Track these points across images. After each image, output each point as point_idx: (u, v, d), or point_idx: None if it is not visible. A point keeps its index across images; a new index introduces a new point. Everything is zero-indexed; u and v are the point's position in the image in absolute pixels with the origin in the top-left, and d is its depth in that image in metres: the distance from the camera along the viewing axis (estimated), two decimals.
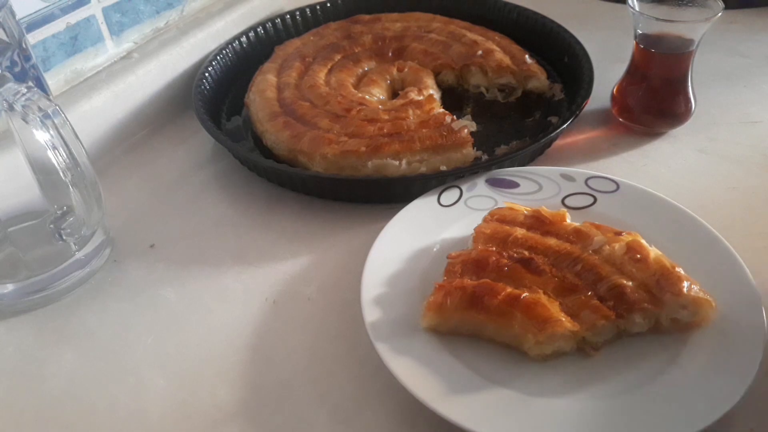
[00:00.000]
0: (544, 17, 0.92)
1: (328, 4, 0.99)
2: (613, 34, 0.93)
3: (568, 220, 0.63)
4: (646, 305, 0.55)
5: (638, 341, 0.56)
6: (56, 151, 0.58)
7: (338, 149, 0.73)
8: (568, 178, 0.70)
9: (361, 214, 0.71)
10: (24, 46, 0.67)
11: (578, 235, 0.60)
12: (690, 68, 0.76)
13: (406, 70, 0.87)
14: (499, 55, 0.87)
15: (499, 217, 0.64)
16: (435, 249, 0.65)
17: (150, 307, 0.64)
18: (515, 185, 0.71)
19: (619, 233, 0.60)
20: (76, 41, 0.80)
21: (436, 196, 0.70)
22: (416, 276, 0.62)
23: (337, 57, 0.89)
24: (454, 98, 0.87)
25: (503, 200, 0.68)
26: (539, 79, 0.86)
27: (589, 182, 0.69)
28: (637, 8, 0.73)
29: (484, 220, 0.64)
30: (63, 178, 0.59)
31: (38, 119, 0.56)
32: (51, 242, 0.63)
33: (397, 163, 0.72)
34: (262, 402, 0.55)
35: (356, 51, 0.90)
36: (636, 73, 0.78)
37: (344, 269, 0.66)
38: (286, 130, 0.76)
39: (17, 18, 0.67)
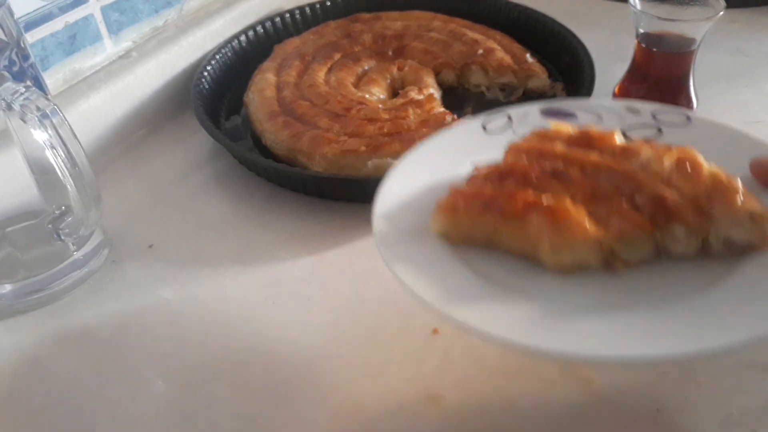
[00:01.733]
0: (545, 16, 0.92)
1: (328, 3, 0.99)
2: (615, 33, 0.93)
3: (618, 140, 0.55)
4: (689, 216, 0.47)
5: (682, 266, 0.48)
6: (54, 150, 0.57)
7: (338, 149, 0.72)
8: (633, 110, 0.62)
9: (361, 214, 0.71)
10: (22, 45, 0.67)
11: (625, 152, 0.53)
12: (692, 67, 0.76)
13: (406, 69, 0.87)
14: (500, 54, 0.87)
15: (541, 134, 0.57)
16: (468, 171, 0.57)
17: (149, 307, 0.63)
18: (572, 116, 0.63)
19: (670, 147, 0.52)
20: (74, 40, 0.80)
21: (480, 122, 0.63)
22: (440, 193, 0.54)
23: (337, 56, 0.89)
24: (454, 97, 0.86)
25: None
26: (540, 78, 0.85)
27: (657, 115, 0.61)
28: (638, 7, 0.73)
29: (524, 138, 0.58)
30: (61, 177, 0.58)
31: (36, 119, 0.56)
32: (49, 242, 0.63)
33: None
34: (261, 402, 0.55)
35: (356, 50, 0.90)
36: (637, 72, 0.78)
37: (344, 269, 0.66)
38: (286, 130, 0.76)
39: (15, 17, 0.67)
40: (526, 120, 0.63)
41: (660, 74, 0.77)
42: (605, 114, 0.62)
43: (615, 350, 0.42)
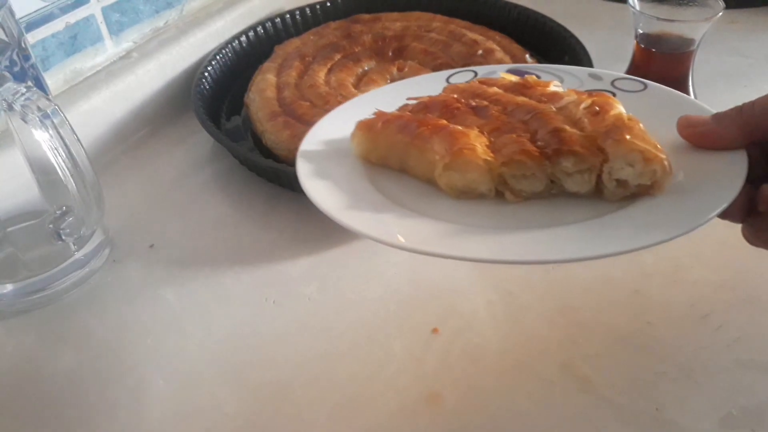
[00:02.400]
0: (544, 16, 0.92)
1: (328, 4, 0.99)
2: (614, 34, 0.93)
3: (554, 89, 0.56)
4: (579, 148, 0.47)
5: (575, 202, 0.49)
6: (55, 150, 0.58)
7: None
8: (596, 77, 0.62)
9: None
10: (23, 45, 0.67)
11: (551, 96, 0.54)
12: (691, 68, 0.76)
13: (406, 69, 0.87)
14: (500, 54, 0.87)
15: (484, 81, 0.58)
16: None
17: (149, 307, 0.64)
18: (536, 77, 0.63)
19: (594, 94, 0.53)
20: (75, 41, 0.80)
21: (445, 76, 0.63)
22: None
23: (337, 56, 0.89)
24: None
25: None
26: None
27: (617, 83, 0.61)
28: (637, 7, 0.73)
29: (469, 82, 0.59)
30: (62, 178, 0.58)
31: (37, 119, 0.56)
32: (50, 242, 0.63)
33: None
34: (261, 402, 0.55)
35: (356, 50, 0.90)
36: (636, 72, 0.78)
37: (344, 269, 0.66)
38: (286, 130, 0.76)
39: (17, 17, 0.67)
40: (491, 76, 0.62)
41: (659, 75, 0.77)
42: (567, 77, 0.62)
43: (491, 254, 0.44)
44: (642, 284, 0.63)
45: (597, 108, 0.50)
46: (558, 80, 0.62)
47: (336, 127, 0.57)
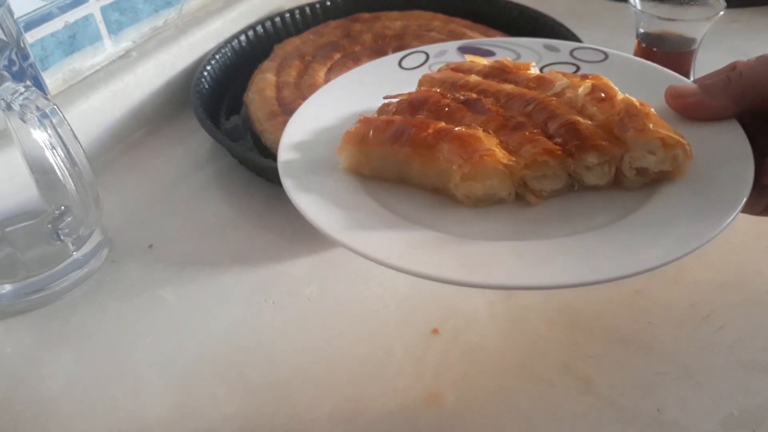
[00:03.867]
0: (545, 16, 0.92)
1: (328, 3, 0.99)
2: (615, 33, 0.93)
3: (534, 72, 0.54)
4: (602, 142, 0.46)
5: (596, 196, 0.47)
6: (54, 150, 0.57)
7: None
8: (552, 48, 0.61)
9: None
10: (22, 45, 0.66)
11: (539, 82, 0.52)
12: (692, 67, 0.76)
13: None
14: None
15: (455, 67, 0.56)
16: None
17: (148, 307, 0.63)
18: (491, 54, 0.61)
19: (586, 77, 0.51)
20: (74, 40, 0.80)
21: (397, 59, 0.61)
22: (351, 125, 0.51)
23: (337, 56, 0.89)
24: None
25: None
26: None
27: (575, 53, 0.60)
28: (638, 7, 0.73)
29: (439, 70, 0.56)
30: (61, 177, 0.58)
31: (36, 118, 0.56)
32: (49, 242, 0.63)
33: None
34: (261, 403, 0.55)
35: (356, 50, 0.90)
36: None
37: (344, 269, 0.66)
38: None
39: (15, 16, 0.67)
40: (443, 57, 0.61)
41: None
42: (523, 52, 0.61)
43: (521, 280, 0.41)
44: (643, 284, 0.63)
45: (602, 94, 0.49)
46: (515, 55, 0.61)
47: (308, 129, 0.53)
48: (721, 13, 0.71)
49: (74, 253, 0.65)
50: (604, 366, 0.56)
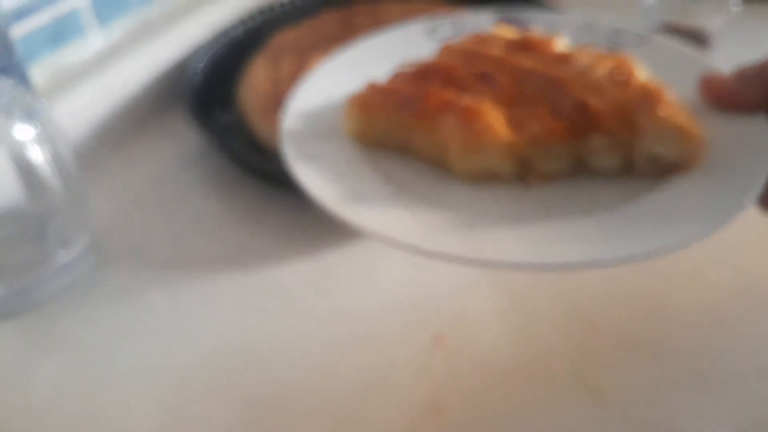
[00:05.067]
0: (552, 8, 0.91)
1: None
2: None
3: (560, 47, 0.53)
4: (611, 124, 0.45)
5: (602, 182, 0.46)
6: (41, 149, 0.57)
7: None
8: (591, 28, 0.59)
9: None
10: (7, 40, 0.66)
11: (561, 58, 0.50)
12: None
13: None
14: None
15: (480, 37, 0.55)
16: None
17: (137, 312, 0.63)
18: (526, 26, 0.59)
19: (611, 57, 0.50)
20: (61, 34, 0.79)
21: (429, 25, 0.60)
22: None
23: (335, 49, 0.87)
24: None
25: None
26: None
27: (614, 35, 0.58)
28: (650, 0, 0.72)
29: (463, 40, 0.55)
30: (47, 177, 0.58)
31: (22, 116, 0.56)
32: (35, 245, 0.63)
33: None
34: (255, 416, 0.54)
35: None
36: None
37: (342, 273, 0.65)
38: None
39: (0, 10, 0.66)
40: (478, 28, 0.59)
41: None
42: (562, 28, 0.59)
43: (516, 257, 0.41)
44: (656, 290, 0.62)
45: (620, 75, 0.47)
46: (552, 30, 0.58)
47: (318, 96, 0.52)
48: (736, 8, 0.70)
49: (61, 256, 0.64)
50: (615, 375, 0.55)
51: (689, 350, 0.57)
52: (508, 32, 0.55)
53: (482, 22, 0.59)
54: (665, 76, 0.50)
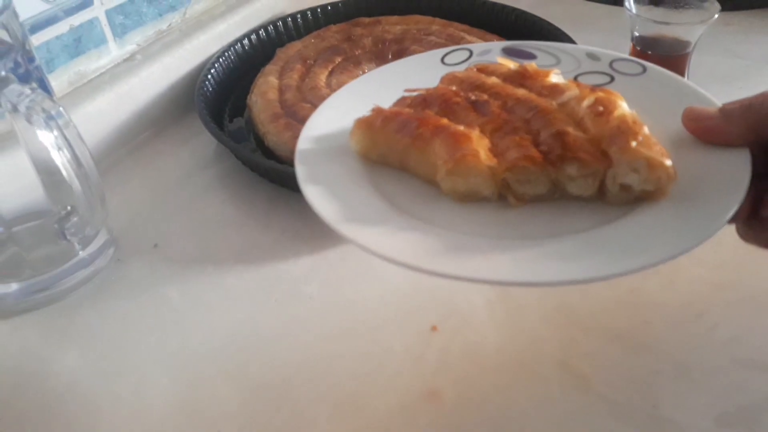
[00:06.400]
0: (541, 20, 0.93)
1: (329, 7, 1.00)
2: (610, 37, 0.93)
3: (555, 79, 0.55)
4: (584, 155, 0.46)
5: (578, 207, 0.48)
6: (60, 151, 0.58)
7: None
8: (594, 57, 0.61)
9: None
10: (27, 47, 0.67)
11: (552, 90, 0.53)
12: (687, 70, 0.76)
13: None
14: None
15: (482, 67, 0.58)
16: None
17: (153, 306, 0.64)
18: (532, 57, 0.62)
19: (595, 89, 0.52)
20: (79, 43, 0.80)
21: (440, 54, 0.63)
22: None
23: (338, 59, 0.90)
24: None
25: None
26: None
27: (615, 64, 0.60)
28: (634, 11, 0.74)
29: (466, 69, 0.58)
30: (66, 178, 0.59)
31: (42, 120, 0.56)
32: (55, 242, 0.64)
33: None
34: (263, 401, 0.55)
35: (357, 53, 0.91)
36: None
37: (345, 268, 0.66)
38: (288, 132, 0.77)
39: (20, 19, 0.67)
40: (486, 56, 0.62)
41: None
42: (564, 57, 0.62)
43: (489, 274, 0.43)
44: (639, 283, 0.63)
45: (601, 108, 0.49)
46: (555, 60, 0.61)
47: (333, 119, 0.56)
48: (716, 16, 0.71)
49: (80, 252, 0.66)
50: (600, 364, 0.56)
51: (671, 341, 0.58)
52: (510, 64, 0.58)
53: (492, 50, 0.63)
54: (661, 104, 0.53)
